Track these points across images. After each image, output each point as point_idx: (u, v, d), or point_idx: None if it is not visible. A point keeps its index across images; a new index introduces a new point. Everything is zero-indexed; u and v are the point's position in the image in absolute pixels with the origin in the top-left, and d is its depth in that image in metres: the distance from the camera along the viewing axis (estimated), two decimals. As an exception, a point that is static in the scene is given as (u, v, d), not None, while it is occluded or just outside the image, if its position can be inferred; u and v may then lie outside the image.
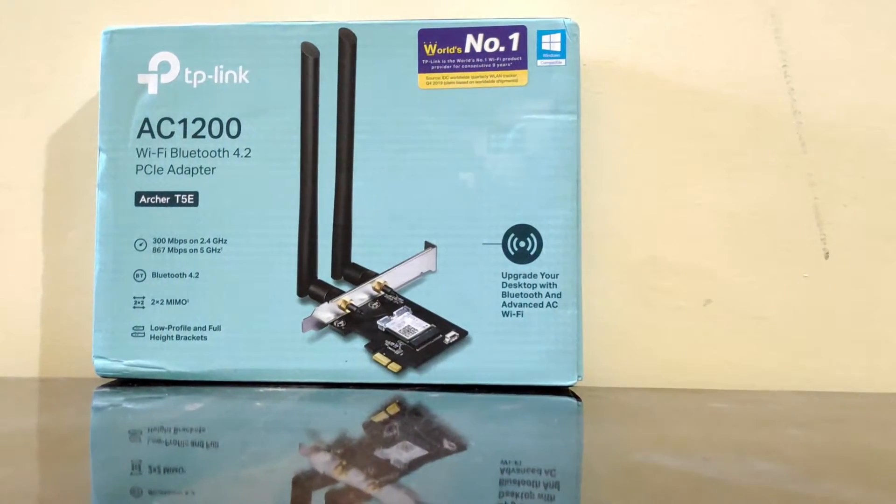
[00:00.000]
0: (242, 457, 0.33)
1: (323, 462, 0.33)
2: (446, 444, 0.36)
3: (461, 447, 0.36)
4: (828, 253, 0.52)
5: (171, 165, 0.49)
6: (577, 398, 0.46)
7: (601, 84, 0.53)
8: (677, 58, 0.53)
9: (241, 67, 0.49)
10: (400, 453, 0.34)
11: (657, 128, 0.53)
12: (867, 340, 0.52)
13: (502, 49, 0.48)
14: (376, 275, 0.48)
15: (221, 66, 0.49)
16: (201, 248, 0.48)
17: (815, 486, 0.29)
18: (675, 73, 0.53)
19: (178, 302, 0.48)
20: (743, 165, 0.52)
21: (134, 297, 0.49)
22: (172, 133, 0.49)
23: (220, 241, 0.48)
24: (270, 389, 0.47)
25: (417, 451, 0.34)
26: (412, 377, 0.48)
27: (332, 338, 0.48)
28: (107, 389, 0.47)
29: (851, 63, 0.52)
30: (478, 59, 0.48)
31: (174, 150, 0.49)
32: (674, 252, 0.53)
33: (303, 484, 0.30)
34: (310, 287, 0.48)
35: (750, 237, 0.52)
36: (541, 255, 0.48)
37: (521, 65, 0.48)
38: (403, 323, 0.48)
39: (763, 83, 0.53)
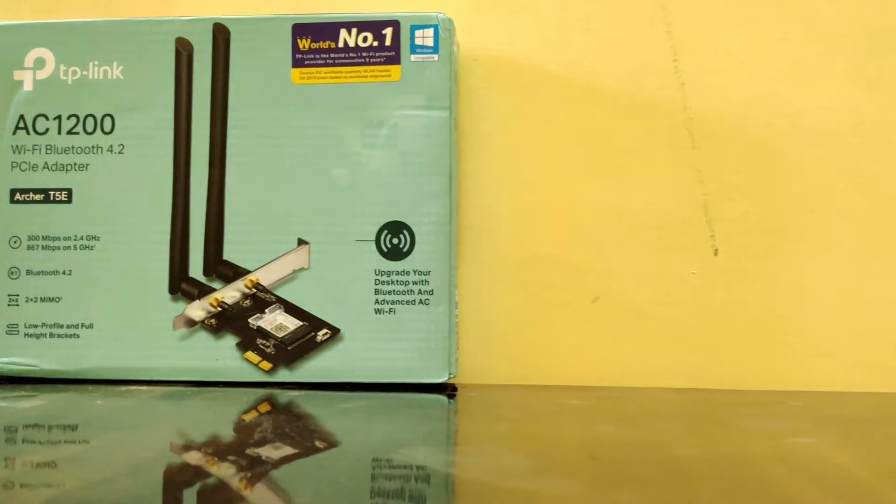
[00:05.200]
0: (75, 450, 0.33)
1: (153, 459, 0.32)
2: (291, 443, 0.36)
3: (308, 444, 0.35)
4: (716, 249, 0.51)
5: (46, 162, 0.49)
6: (451, 396, 0.46)
7: (490, 79, 0.53)
8: (567, 53, 0.52)
9: (115, 63, 0.49)
10: (253, 450, 0.33)
11: (546, 124, 0.52)
12: (755, 337, 0.51)
13: (375, 44, 0.48)
14: (248, 272, 0.48)
15: (96, 62, 0.49)
16: (75, 246, 0.48)
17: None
18: (565, 68, 0.52)
19: (52, 300, 0.48)
20: (632, 161, 0.52)
21: (8, 295, 0.48)
22: (47, 129, 0.49)
23: (93, 238, 0.48)
24: (133, 388, 0.46)
25: (269, 449, 0.33)
26: (284, 375, 0.47)
27: (203, 336, 0.48)
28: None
29: (741, 57, 0.52)
30: (351, 54, 0.48)
31: (49, 147, 0.49)
32: (562, 249, 0.52)
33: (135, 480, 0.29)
34: (181, 284, 0.48)
35: (639, 233, 0.52)
36: (413, 252, 0.47)
37: (395, 60, 0.48)
38: (275, 321, 0.47)
39: (654, 78, 0.52)
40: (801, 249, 0.51)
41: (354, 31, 0.48)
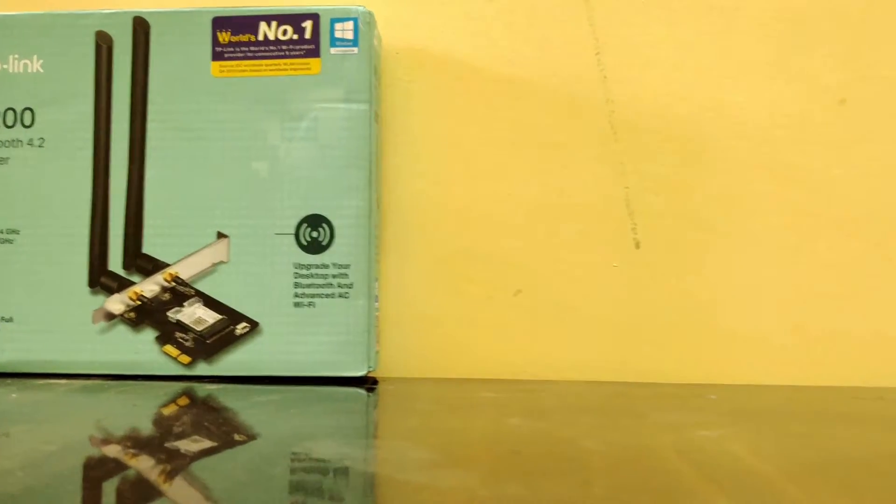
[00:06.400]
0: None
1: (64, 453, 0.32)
2: (196, 436, 0.36)
3: (213, 438, 0.36)
4: (638, 242, 0.52)
5: (-34, 156, 0.48)
6: (370, 389, 0.46)
7: (413, 73, 0.53)
8: (490, 46, 0.53)
9: (35, 56, 0.48)
10: (155, 444, 0.33)
11: (470, 117, 0.53)
12: (677, 330, 0.51)
13: (295, 37, 0.48)
14: (167, 265, 0.48)
15: (16, 56, 0.49)
16: (-6, 239, 0.48)
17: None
18: (488, 61, 0.53)
19: (-28, 293, 0.48)
20: (555, 154, 0.52)
21: (-71, 289, 0.48)
22: (-33, 123, 0.48)
23: (12, 231, 0.48)
24: (52, 381, 0.46)
25: (172, 442, 0.33)
26: (203, 369, 0.47)
27: (122, 329, 0.48)
28: None
29: (664, 50, 0.52)
30: (271, 47, 0.48)
31: (-32, 141, 0.48)
32: (485, 242, 0.52)
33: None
34: (101, 278, 0.48)
35: (561, 226, 0.52)
36: (333, 246, 0.47)
37: (314, 53, 0.48)
38: (194, 314, 0.47)
39: (576, 71, 0.52)
40: (722, 242, 0.51)
41: (274, 24, 0.48)
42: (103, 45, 0.48)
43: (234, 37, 0.48)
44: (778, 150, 0.51)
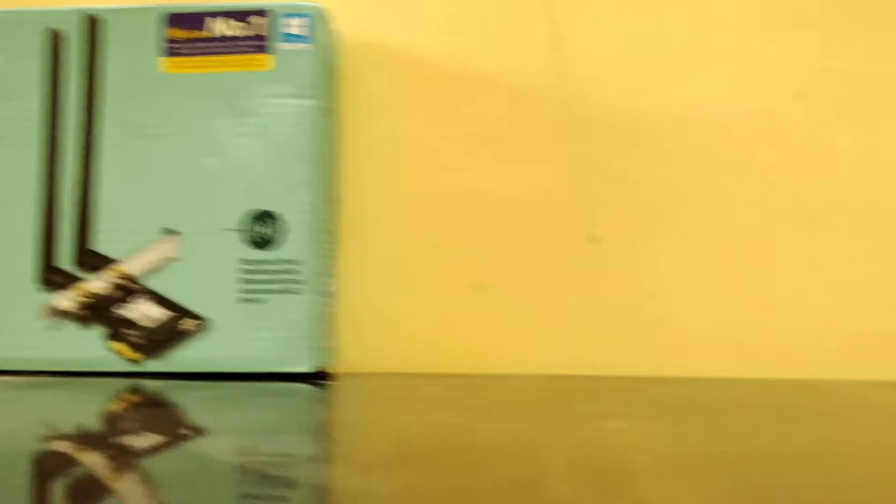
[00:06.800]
0: None
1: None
2: (121, 432, 0.35)
3: (135, 434, 0.35)
4: (597, 236, 0.51)
5: (-83, 152, 0.48)
6: (320, 385, 0.46)
7: (370, 68, 0.53)
8: (449, 41, 0.52)
9: (-13, 53, 0.48)
10: (77, 440, 0.33)
11: (429, 112, 0.52)
12: (633, 323, 0.51)
13: (246, 33, 0.48)
14: (117, 262, 0.47)
15: (-31, 53, 0.49)
16: (-56, 236, 0.48)
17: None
18: (448, 56, 0.52)
19: (-79, 290, 0.48)
20: (513, 149, 0.52)
21: None
22: (-81, 120, 0.48)
23: (-38, 228, 0.48)
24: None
25: (96, 439, 0.33)
26: (151, 365, 0.47)
27: (71, 326, 0.47)
28: None
29: (624, 45, 0.52)
30: (222, 43, 0.48)
31: (-80, 137, 0.48)
32: (443, 236, 0.52)
33: None
34: (50, 275, 0.47)
35: (519, 220, 0.52)
36: (282, 242, 0.47)
37: (265, 49, 0.48)
38: (143, 311, 0.47)
39: (535, 66, 0.52)
40: (680, 237, 0.51)
41: (225, 20, 0.48)
42: (54, 42, 0.48)
43: (185, 33, 0.48)
44: (735, 145, 0.51)
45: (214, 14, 0.48)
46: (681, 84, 0.51)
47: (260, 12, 0.48)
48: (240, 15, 0.48)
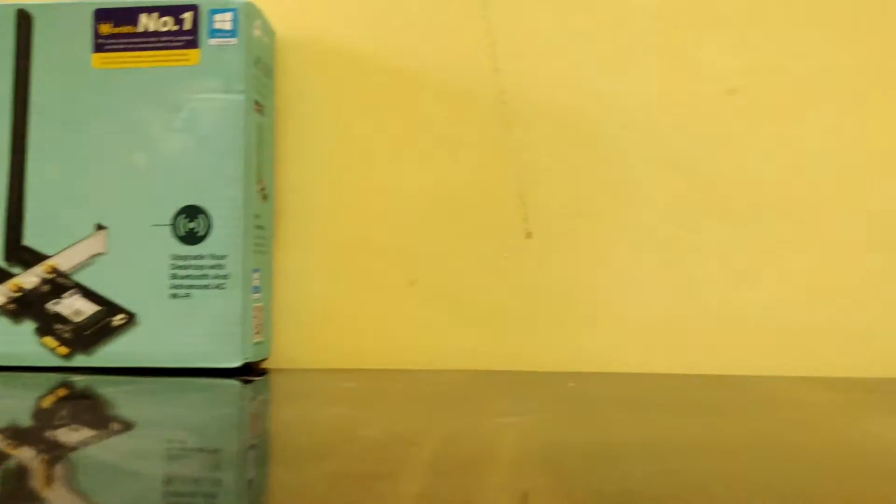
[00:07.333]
0: None
1: None
2: (27, 426, 0.35)
3: (45, 428, 0.35)
4: (530, 232, 0.51)
5: None
6: (248, 381, 0.46)
7: (306, 65, 0.52)
8: (384, 38, 0.52)
9: (-79, 50, 0.49)
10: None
11: (364, 108, 0.52)
12: (564, 319, 0.50)
13: (175, 28, 0.48)
14: (47, 257, 0.48)
15: None
16: None
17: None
18: (382, 52, 0.52)
19: None
20: (448, 146, 0.51)
21: None
22: None
23: None
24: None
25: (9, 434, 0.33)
26: (81, 360, 0.47)
27: (2, 321, 0.48)
28: None
29: (557, 42, 0.51)
30: (151, 39, 0.48)
31: None
32: (379, 233, 0.52)
33: None
34: (-19, 270, 0.48)
35: (454, 217, 0.51)
36: (209, 237, 0.47)
37: (193, 44, 0.48)
38: (73, 306, 0.47)
39: (469, 63, 0.52)
40: (612, 233, 0.50)
41: (155, 15, 0.48)
42: (-13, 38, 0.48)
43: (116, 28, 0.48)
44: (667, 141, 0.51)
45: (145, 9, 0.48)
46: (613, 80, 0.51)
47: (188, 7, 0.48)
48: (170, 10, 0.48)
